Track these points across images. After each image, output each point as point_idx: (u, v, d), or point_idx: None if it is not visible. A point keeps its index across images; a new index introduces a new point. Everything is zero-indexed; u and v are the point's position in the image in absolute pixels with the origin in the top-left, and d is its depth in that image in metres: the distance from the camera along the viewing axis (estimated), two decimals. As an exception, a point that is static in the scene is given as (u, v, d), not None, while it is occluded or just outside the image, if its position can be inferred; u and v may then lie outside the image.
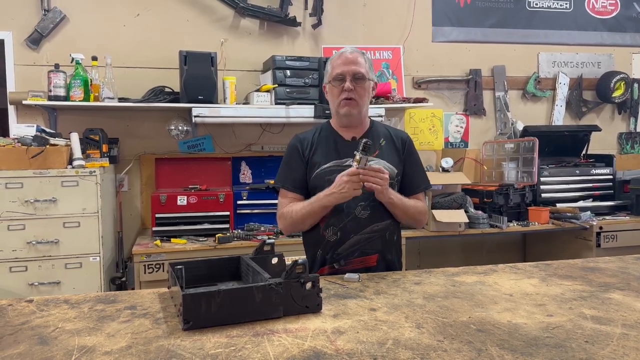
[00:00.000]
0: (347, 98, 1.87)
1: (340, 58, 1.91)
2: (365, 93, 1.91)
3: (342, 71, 1.88)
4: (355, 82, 1.87)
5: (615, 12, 4.46)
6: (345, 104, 1.88)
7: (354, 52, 1.92)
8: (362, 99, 1.90)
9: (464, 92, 4.17)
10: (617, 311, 1.33)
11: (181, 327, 1.21)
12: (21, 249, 2.67)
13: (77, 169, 2.75)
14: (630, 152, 4.49)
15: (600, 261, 1.93)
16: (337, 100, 1.91)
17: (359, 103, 1.89)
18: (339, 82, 1.89)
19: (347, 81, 1.86)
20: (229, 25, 3.63)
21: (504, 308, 1.36)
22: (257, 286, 1.28)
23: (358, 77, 1.87)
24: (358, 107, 1.90)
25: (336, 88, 1.90)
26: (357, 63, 1.89)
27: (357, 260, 1.87)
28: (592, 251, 3.52)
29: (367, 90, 1.92)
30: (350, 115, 1.90)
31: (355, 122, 1.95)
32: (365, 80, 1.89)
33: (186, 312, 1.20)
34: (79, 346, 1.13)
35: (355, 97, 1.88)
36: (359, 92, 1.88)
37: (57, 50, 3.31)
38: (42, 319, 1.32)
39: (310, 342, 1.13)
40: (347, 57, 1.89)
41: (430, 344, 1.12)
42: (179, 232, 3.11)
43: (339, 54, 1.93)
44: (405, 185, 1.96)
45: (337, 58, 1.93)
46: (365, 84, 1.90)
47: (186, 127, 3.44)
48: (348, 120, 1.93)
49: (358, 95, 1.88)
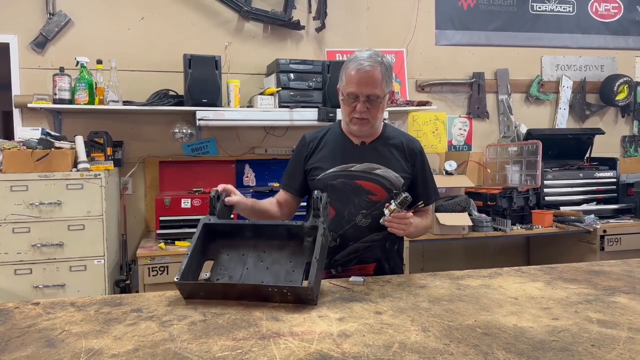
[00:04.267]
0: (359, 117, 1.80)
1: (356, 73, 1.74)
2: (379, 111, 1.81)
3: (355, 91, 1.76)
4: (369, 104, 1.77)
5: (618, 15, 4.46)
6: (356, 122, 1.82)
7: (372, 65, 1.74)
8: (376, 117, 1.81)
9: (467, 95, 4.17)
10: (623, 315, 1.33)
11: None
12: (26, 251, 2.68)
13: (82, 172, 2.76)
14: (633, 155, 4.49)
15: (605, 264, 1.93)
16: (348, 116, 1.83)
17: (371, 122, 1.82)
18: (351, 100, 1.78)
19: (360, 103, 1.76)
20: (233, 28, 3.65)
21: (510, 311, 1.36)
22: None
23: (372, 99, 1.77)
24: (370, 124, 1.83)
25: (348, 106, 1.81)
26: (373, 82, 1.74)
27: (354, 268, 1.86)
28: (596, 254, 3.52)
29: (382, 107, 1.81)
30: (361, 132, 1.86)
31: (368, 134, 1.90)
32: (381, 100, 1.78)
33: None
34: (86, 349, 1.13)
35: (368, 117, 1.79)
36: (372, 113, 1.79)
37: (62, 53, 3.33)
38: (49, 322, 1.32)
39: (317, 345, 1.13)
40: (362, 76, 1.74)
41: (437, 347, 1.12)
42: (183, 235, 3.11)
43: (355, 65, 1.75)
44: (415, 198, 1.88)
45: (352, 69, 1.76)
46: (381, 103, 1.78)
47: (190, 130, 3.45)
48: (360, 135, 1.89)
49: (372, 115, 1.79)
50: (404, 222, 1.72)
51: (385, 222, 1.73)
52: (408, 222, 1.73)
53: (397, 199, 1.69)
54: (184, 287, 1.46)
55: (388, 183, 1.86)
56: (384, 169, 1.86)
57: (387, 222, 1.73)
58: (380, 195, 1.85)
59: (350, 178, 1.86)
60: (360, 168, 1.87)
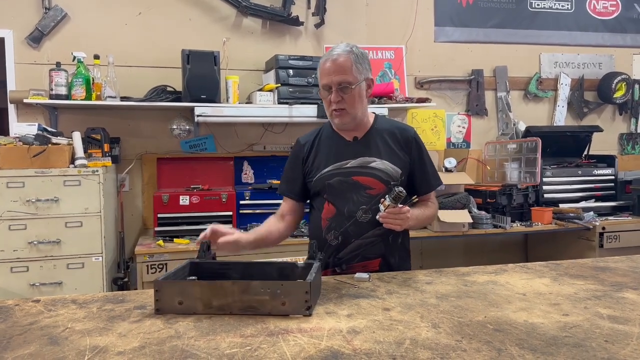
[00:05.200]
0: (337, 109, 1.79)
1: (325, 64, 1.78)
2: (355, 99, 1.79)
3: (326, 82, 1.77)
4: (342, 92, 1.76)
5: (616, 13, 4.47)
6: (335, 115, 1.81)
7: (340, 55, 1.76)
8: (353, 106, 1.79)
9: (466, 92, 4.16)
10: (633, 310, 1.32)
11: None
12: (22, 249, 2.64)
13: (79, 169, 2.72)
14: (631, 153, 4.50)
15: (610, 260, 1.92)
16: (328, 110, 1.83)
17: (349, 112, 1.79)
18: (326, 92, 1.79)
19: (333, 93, 1.76)
20: (231, 24, 3.62)
21: (519, 307, 1.35)
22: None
23: (344, 86, 1.76)
24: (350, 116, 1.80)
25: (325, 99, 1.82)
26: (342, 70, 1.75)
27: (358, 265, 1.84)
28: (595, 252, 3.52)
29: (358, 94, 1.79)
30: (342, 124, 1.84)
31: (352, 127, 1.87)
32: (353, 87, 1.76)
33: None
34: (91, 346, 1.10)
35: (345, 107, 1.78)
36: (348, 101, 1.77)
37: (58, 48, 3.28)
38: (51, 319, 1.29)
39: (327, 342, 1.11)
40: (330, 66, 1.76)
41: (449, 343, 1.10)
42: (182, 232, 3.08)
43: (325, 58, 1.79)
44: (415, 186, 1.89)
45: (323, 62, 1.79)
46: (354, 91, 1.77)
47: (188, 127, 3.42)
48: (343, 128, 1.88)
49: (348, 104, 1.78)
50: (400, 217, 1.70)
51: (381, 218, 1.71)
52: (404, 216, 1.70)
53: (391, 194, 1.67)
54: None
55: (385, 175, 1.82)
56: (379, 161, 1.83)
57: (382, 218, 1.71)
58: (378, 188, 1.82)
59: (346, 175, 1.84)
60: (355, 164, 1.84)
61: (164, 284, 1.34)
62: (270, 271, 1.55)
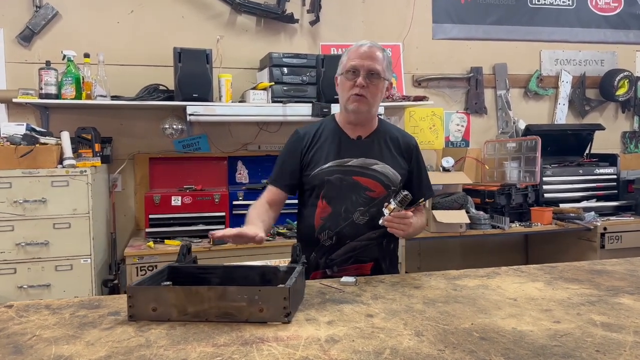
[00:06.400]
0: (358, 94, 1.75)
1: (357, 50, 1.77)
2: (378, 92, 1.78)
3: (356, 64, 1.75)
4: (369, 79, 1.75)
5: (618, 9, 4.39)
6: (354, 99, 1.76)
7: (374, 46, 1.78)
8: (374, 97, 1.78)
9: (464, 90, 4.09)
10: (628, 317, 1.26)
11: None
12: (10, 250, 2.60)
13: (67, 169, 2.67)
14: (634, 152, 4.41)
15: (607, 263, 1.86)
16: (347, 94, 1.78)
17: (369, 101, 1.77)
18: (352, 74, 1.76)
19: (361, 76, 1.74)
20: (225, 22, 3.56)
21: (508, 314, 1.29)
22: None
23: (373, 73, 1.75)
24: (368, 105, 1.78)
25: (348, 81, 1.77)
26: (375, 58, 1.75)
27: (351, 268, 1.79)
28: (596, 252, 3.45)
29: (381, 89, 1.79)
30: (359, 112, 1.78)
31: (362, 120, 1.84)
32: (381, 78, 1.77)
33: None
34: (55, 356, 1.05)
35: (367, 95, 1.75)
36: (371, 90, 1.76)
37: (49, 47, 3.24)
38: (20, 326, 1.24)
39: (302, 351, 1.05)
40: (365, 51, 1.76)
41: (430, 353, 1.04)
42: (173, 234, 3.03)
43: (357, 46, 1.79)
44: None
45: (354, 50, 1.79)
46: (380, 83, 1.77)
47: (181, 126, 3.37)
48: (356, 117, 1.82)
49: (370, 93, 1.76)
50: (405, 222, 1.64)
51: (385, 222, 1.65)
52: (408, 222, 1.65)
53: (397, 197, 1.61)
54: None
55: (386, 179, 1.80)
56: (381, 165, 1.80)
57: (387, 222, 1.65)
58: (379, 191, 1.79)
59: (347, 174, 1.79)
60: (356, 163, 1.81)
61: (137, 289, 1.28)
62: (252, 275, 1.50)
